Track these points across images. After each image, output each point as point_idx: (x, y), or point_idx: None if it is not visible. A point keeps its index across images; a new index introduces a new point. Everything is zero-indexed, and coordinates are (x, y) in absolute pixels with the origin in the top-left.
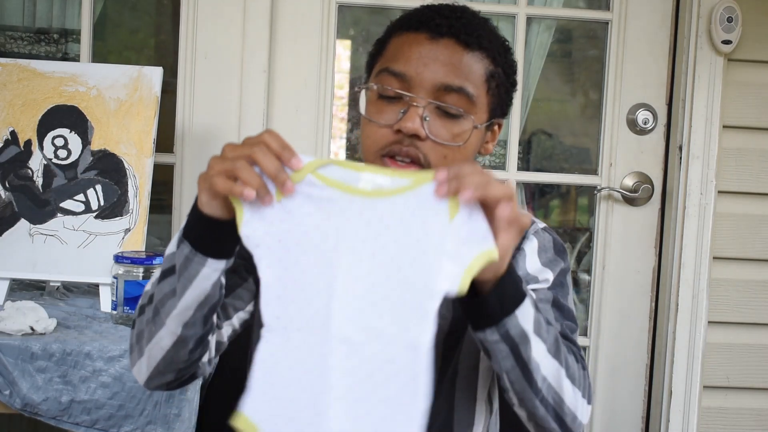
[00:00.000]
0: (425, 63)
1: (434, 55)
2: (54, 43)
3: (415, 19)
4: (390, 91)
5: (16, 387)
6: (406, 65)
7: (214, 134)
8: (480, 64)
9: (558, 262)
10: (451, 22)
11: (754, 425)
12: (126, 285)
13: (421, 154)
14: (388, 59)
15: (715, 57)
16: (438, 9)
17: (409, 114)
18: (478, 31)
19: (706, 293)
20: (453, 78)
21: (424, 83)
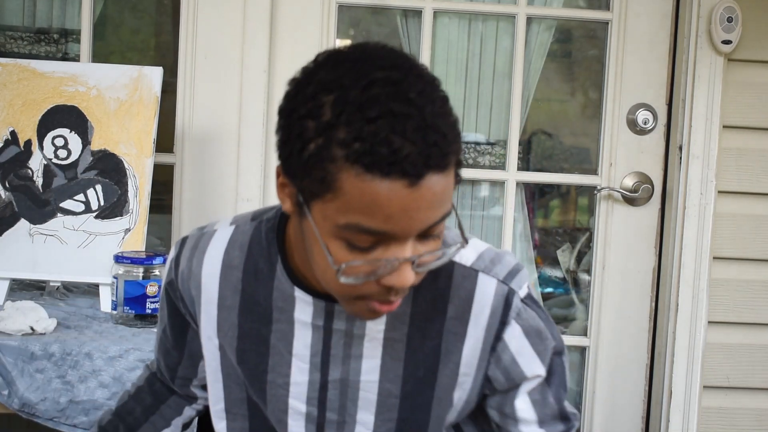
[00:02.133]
0: (410, 215)
1: (417, 203)
2: (54, 43)
3: (382, 161)
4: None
5: (14, 387)
6: (387, 223)
7: (214, 134)
8: (452, 171)
9: (547, 342)
10: (427, 151)
11: (754, 425)
12: (126, 285)
13: (408, 288)
14: (356, 212)
15: (715, 57)
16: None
17: (402, 270)
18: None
19: (706, 293)
20: (438, 212)
21: (412, 233)
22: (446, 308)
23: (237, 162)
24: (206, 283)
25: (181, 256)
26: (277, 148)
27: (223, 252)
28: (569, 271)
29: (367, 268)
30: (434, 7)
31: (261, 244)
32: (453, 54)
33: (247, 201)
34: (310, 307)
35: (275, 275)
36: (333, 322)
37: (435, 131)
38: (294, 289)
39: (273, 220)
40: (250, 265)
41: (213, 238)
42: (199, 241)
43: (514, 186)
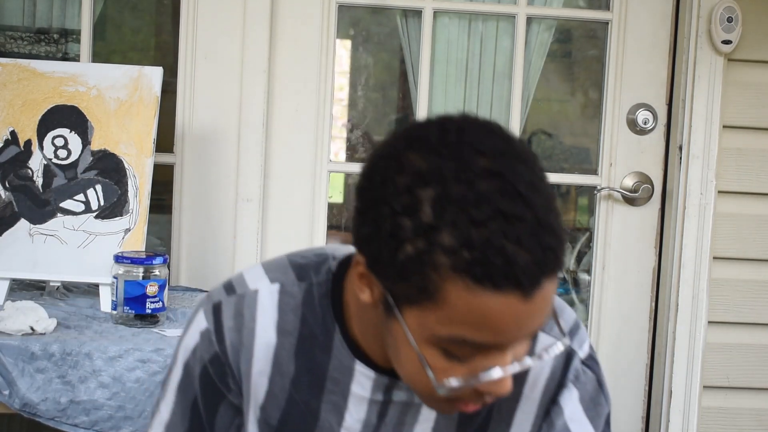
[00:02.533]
0: (520, 327)
1: (530, 314)
2: (54, 43)
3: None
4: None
5: (15, 387)
6: (495, 336)
7: (214, 134)
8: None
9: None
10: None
11: (754, 425)
12: (126, 285)
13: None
14: (463, 325)
15: (715, 57)
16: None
17: (505, 382)
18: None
19: (706, 293)
20: (545, 319)
21: (519, 341)
22: None
23: (237, 162)
24: (259, 354)
25: (223, 327)
26: (359, 237)
27: (277, 319)
28: (569, 271)
29: (463, 372)
30: (434, 7)
31: (315, 311)
32: (453, 54)
33: (247, 201)
34: (369, 381)
35: (333, 345)
36: (393, 394)
37: (549, 233)
38: (354, 362)
39: (325, 285)
40: (305, 331)
41: (258, 303)
42: (241, 307)
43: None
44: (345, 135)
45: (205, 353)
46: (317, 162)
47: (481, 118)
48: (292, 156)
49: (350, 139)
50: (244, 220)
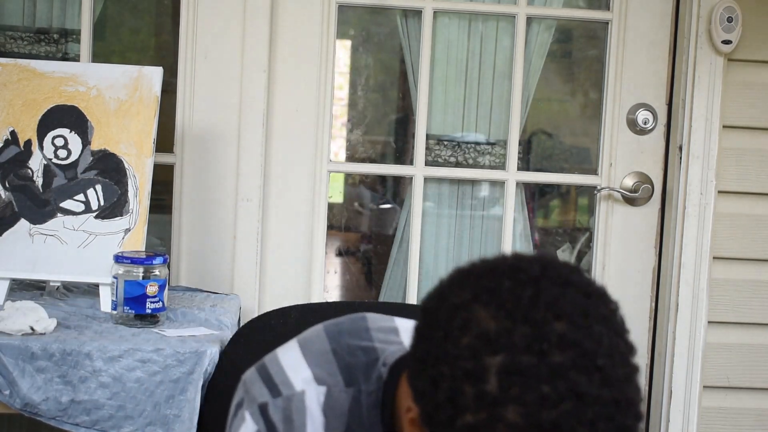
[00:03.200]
0: None
1: None
2: (54, 43)
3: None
4: None
5: (16, 387)
6: None
7: (214, 134)
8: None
9: None
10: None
11: (754, 425)
12: (126, 285)
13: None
14: None
15: (715, 57)
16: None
17: None
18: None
19: (706, 293)
20: None
21: None
22: None
23: (237, 162)
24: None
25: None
26: (415, 388)
27: (324, 424)
28: None
29: None
30: (434, 7)
31: (362, 422)
32: (453, 54)
33: (247, 201)
34: None
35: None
36: None
37: (626, 412)
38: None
39: (375, 394)
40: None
41: (307, 406)
42: (290, 412)
43: (514, 186)
44: (345, 135)
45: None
46: (317, 162)
47: (559, 263)
48: (292, 156)
49: (350, 139)
50: (244, 220)
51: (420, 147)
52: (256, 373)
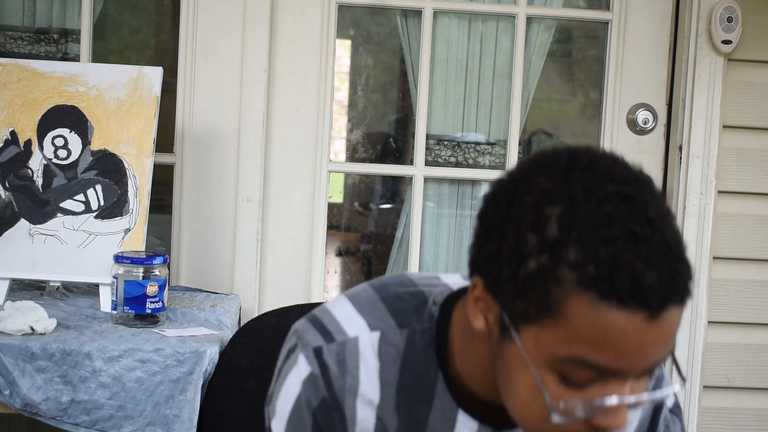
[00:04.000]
0: (645, 352)
1: (655, 339)
2: (54, 43)
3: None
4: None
5: (16, 387)
6: (618, 360)
7: (214, 134)
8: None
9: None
10: (673, 283)
11: (754, 425)
12: (126, 285)
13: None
14: (583, 343)
15: (715, 57)
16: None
17: (620, 413)
18: (686, 260)
19: (706, 293)
20: (669, 349)
21: (638, 371)
22: None
23: (237, 162)
24: (364, 401)
25: (330, 371)
26: (480, 257)
27: (379, 368)
28: None
29: (581, 406)
30: (434, 7)
31: (418, 360)
32: (453, 54)
33: (247, 201)
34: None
35: (435, 394)
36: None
37: (678, 259)
38: (458, 412)
39: (429, 332)
40: (405, 380)
41: (360, 353)
42: (344, 355)
43: None
44: (345, 135)
45: (313, 399)
46: (317, 162)
47: (609, 150)
48: (292, 156)
49: (350, 139)
50: (244, 220)
51: (420, 147)
52: (308, 323)
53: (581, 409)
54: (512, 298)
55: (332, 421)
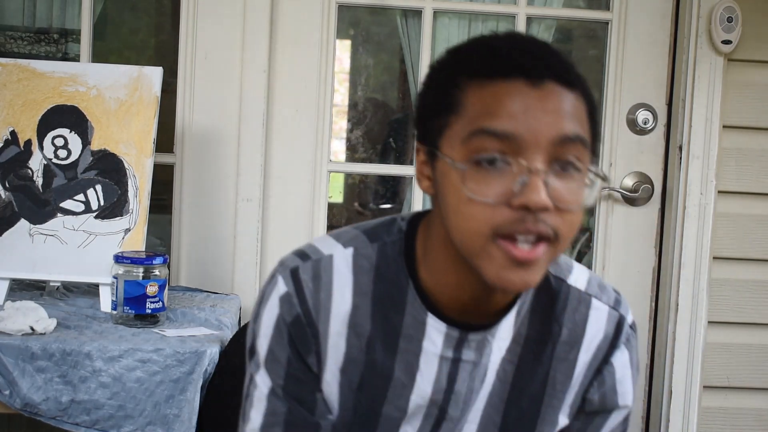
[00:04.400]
0: (535, 115)
1: (541, 104)
2: (54, 43)
3: (500, 63)
4: (489, 153)
5: (16, 387)
6: (510, 122)
7: (214, 134)
8: (582, 103)
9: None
10: (546, 60)
11: (754, 425)
12: (126, 285)
13: (549, 227)
14: (478, 117)
15: (715, 57)
16: (511, 44)
17: (533, 183)
18: (571, 65)
19: (706, 293)
20: (568, 126)
21: (539, 141)
22: (560, 332)
23: (237, 162)
24: (337, 315)
25: (304, 289)
26: (416, 128)
27: (352, 280)
28: None
29: (496, 185)
30: (434, 7)
31: (389, 269)
32: None
33: (248, 201)
34: (441, 336)
35: (406, 301)
36: (462, 353)
37: (557, 54)
38: (427, 315)
39: (398, 243)
40: (379, 292)
41: (335, 267)
42: (318, 270)
43: None
44: (345, 135)
45: (287, 316)
46: (317, 162)
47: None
48: (292, 156)
49: (350, 139)
50: (244, 220)
51: None
52: (291, 253)
53: (494, 188)
54: (432, 124)
55: (305, 336)
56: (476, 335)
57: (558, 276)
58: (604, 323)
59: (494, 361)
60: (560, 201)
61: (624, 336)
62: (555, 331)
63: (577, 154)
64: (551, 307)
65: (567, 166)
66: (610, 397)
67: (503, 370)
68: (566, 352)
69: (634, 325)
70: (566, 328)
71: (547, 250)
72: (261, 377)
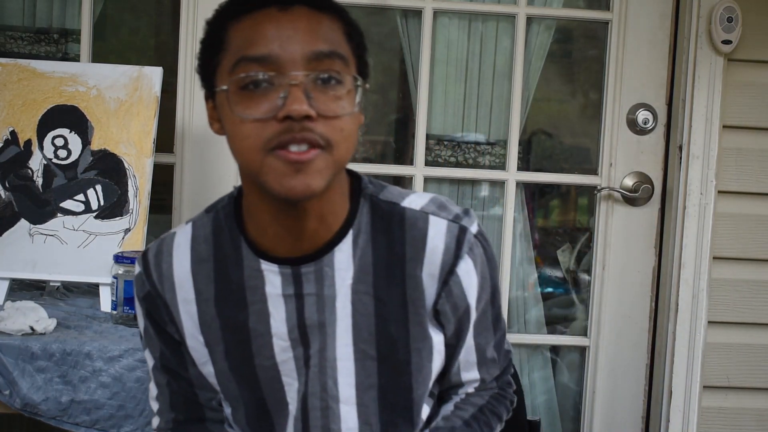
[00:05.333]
0: (288, 36)
1: (292, 25)
2: (54, 43)
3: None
4: (254, 79)
5: (16, 387)
6: (266, 45)
7: (214, 134)
8: (337, 24)
9: (490, 279)
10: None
11: (754, 425)
12: (126, 285)
13: (317, 135)
14: (240, 48)
15: (715, 57)
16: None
17: (293, 95)
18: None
19: (706, 293)
20: (321, 44)
21: (295, 58)
22: (404, 251)
23: None
24: (180, 282)
25: (149, 266)
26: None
27: (190, 248)
28: (569, 271)
29: (263, 104)
30: (434, 7)
31: (223, 231)
32: (453, 54)
33: None
34: (278, 277)
35: (242, 255)
36: (303, 287)
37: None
38: (260, 262)
39: (228, 206)
40: (218, 253)
41: (174, 240)
42: (161, 246)
43: (514, 186)
44: None
45: (140, 292)
46: None
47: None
48: None
49: None
50: None
51: (420, 147)
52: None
53: (262, 106)
54: (208, 68)
55: (158, 308)
56: (308, 267)
57: (389, 200)
58: (444, 236)
59: (343, 292)
60: (324, 110)
61: (466, 245)
62: (398, 251)
63: (336, 68)
64: (389, 229)
65: (328, 80)
66: (460, 302)
67: (362, 303)
68: (413, 269)
69: (480, 234)
70: (409, 246)
71: (322, 155)
72: (146, 354)
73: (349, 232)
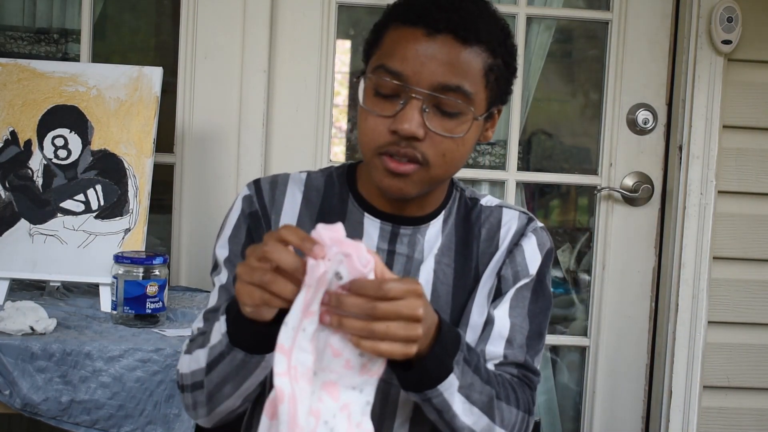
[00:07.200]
0: (422, 62)
1: (431, 53)
2: (54, 43)
3: (413, 12)
4: (385, 88)
5: (16, 387)
6: (402, 64)
7: (214, 134)
8: (478, 59)
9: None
10: (449, 15)
11: (754, 425)
12: (126, 285)
13: (419, 153)
14: (384, 54)
15: (715, 57)
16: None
17: (405, 113)
18: (476, 23)
19: (706, 293)
20: (450, 77)
21: (421, 83)
22: (480, 232)
23: (237, 162)
24: (287, 212)
25: (262, 190)
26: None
27: (303, 191)
28: (569, 271)
29: (384, 107)
30: None
31: (334, 186)
32: None
33: None
34: (376, 231)
35: (347, 209)
36: (396, 246)
37: (466, 11)
38: (364, 215)
39: (342, 168)
40: (325, 204)
41: (290, 178)
42: (276, 178)
43: (514, 186)
44: (345, 135)
45: (246, 209)
46: (317, 162)
47: None
48: (292, 156)
49: (350, 139)
50: None
51: None
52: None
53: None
54: (367, 55)
55: (260, 229)
56: (407, 230)
57: (472, 197)
58: (516, 222)
59: (428, 260)
60: (432, 132)
61: (531, 227)
62: (476, 232)
63: (456, 102)
64: (470, 216)
65: (445, 111)
66: (522, 270)
67: (443, 272)
68: (487, 247)
69: (544, 228)
70: (484, 229)
71: (419, 171)
72: (218, 278)
73: (441, 214)
